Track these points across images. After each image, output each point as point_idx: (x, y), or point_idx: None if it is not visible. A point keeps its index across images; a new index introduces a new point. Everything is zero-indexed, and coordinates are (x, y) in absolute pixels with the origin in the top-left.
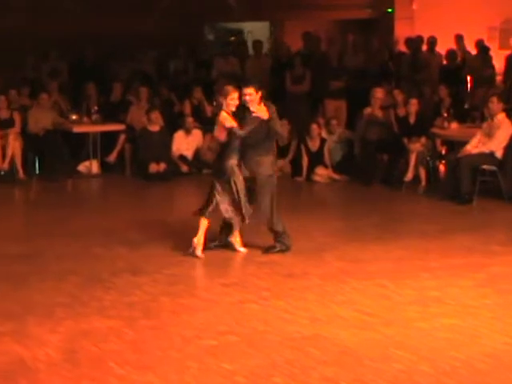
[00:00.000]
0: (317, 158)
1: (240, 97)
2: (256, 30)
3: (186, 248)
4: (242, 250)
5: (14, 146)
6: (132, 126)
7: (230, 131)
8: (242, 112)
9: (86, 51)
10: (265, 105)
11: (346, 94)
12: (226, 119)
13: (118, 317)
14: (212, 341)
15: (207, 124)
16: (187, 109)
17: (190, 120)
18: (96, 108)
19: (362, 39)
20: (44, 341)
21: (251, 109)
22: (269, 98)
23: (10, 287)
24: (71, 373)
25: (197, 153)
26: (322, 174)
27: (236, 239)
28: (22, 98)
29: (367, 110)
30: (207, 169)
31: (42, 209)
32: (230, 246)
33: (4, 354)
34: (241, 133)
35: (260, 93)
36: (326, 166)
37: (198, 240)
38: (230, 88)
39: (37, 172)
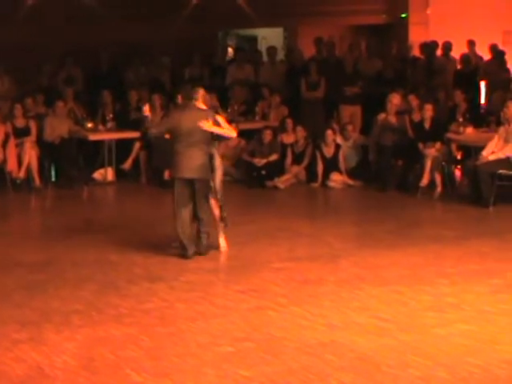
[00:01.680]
0: (332, 164)
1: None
2: (270, 37)
3: (202, 256)
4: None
5: (30, 154)
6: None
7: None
8: None
9: (101, 58)
10: None
11: (361, 99)
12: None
13: (134, 324)
14: (229, 347)
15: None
16: None
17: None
18: (111, 116)
19: (377, 45)
20: (61, 348)
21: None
22: (284, 103)
23: (27, 295)
24: (89, 380)
25: None
26: (336, 179)
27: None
28: (38, 106)
29: (381, 116)
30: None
31: (58, 216)
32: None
33: (22, 362)
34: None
35: None
36: (340, 172)
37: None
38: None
39: (52, 180)
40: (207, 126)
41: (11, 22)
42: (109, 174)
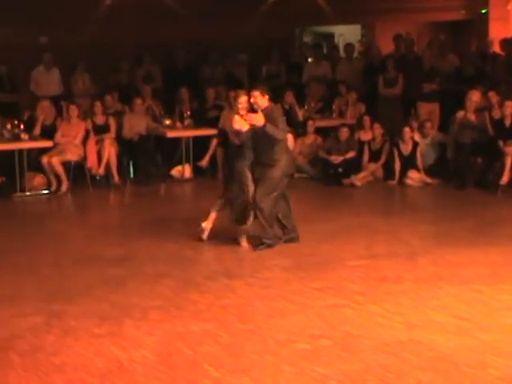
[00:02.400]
0: (409, 162)
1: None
2: (347, 34)
3: (281, 252)
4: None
5: (110, 150)
6: (224, 130)
7: (237, 133)
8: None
9: (178, 56)
10: (269, 108)
11: (439, 96)
12: (237, 121)
13: (212, 320)
14: (306, 345)
15: (299, 128)
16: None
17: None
18: (189, 113)
19: (456, 41)
20: (140, 343)
21: (246, 117)
22: (361, 101)
23: (107, 290)
24: (167, 375)
25: None
26: (414, 177)
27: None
28: (116, 103)
29: (460, 114)
30: (298, 173)
31: (136, 212)
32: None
33: (102, 356)
34: (239, 138)
35: (267, 96)
36: (418, 170)
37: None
38: (239, 92)
39: (131, 176)
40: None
41: (90, 21)
42: (186, 170)
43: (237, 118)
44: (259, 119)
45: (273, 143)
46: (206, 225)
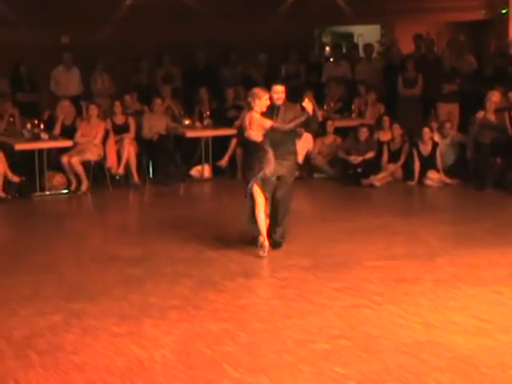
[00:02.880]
0: (429, 162)
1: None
2: (366, 34)
3: (300, 252)
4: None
5: (129, 150)
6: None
7: (268, 130)
8: (270, 111)
9: (198, 56)
10: (289, 104)
11: (459, 97)
12: (263, 119)
13: (231, 319)
14: (324, 345)
15: (318, 128)
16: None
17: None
18: (208, 113)
19: (475, 41)
20: (160, 342)
21: (303, 104)
22: (380, 101)
23: (126, 289)
24: (186, 374)
25: (307, 157)
26: (433, 177)
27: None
28: (135, 103)
29: (480, 114)
30: (318, 173)
31: (156, 213)
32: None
33: (121, 355)
34: (288, 126)
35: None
36: (437, 170)
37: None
38: (261, 90)
39: (150, 176)
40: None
41: (110, 22)
42: (206, 170)
43: (257, 116)
44: (310, 108)
45: (285, 142)
46: (264, 240)
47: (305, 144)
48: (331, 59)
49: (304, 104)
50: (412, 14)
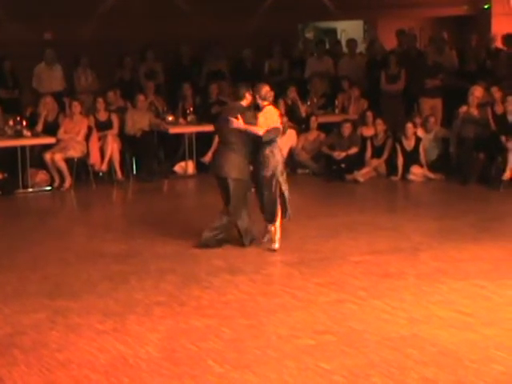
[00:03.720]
0: (412, 157)
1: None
2: (349, 29)
3: (284, 248)
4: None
5: (113, 147)
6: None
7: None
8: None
9: (181, 52)
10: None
11: (442, 92)
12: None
13: (215, 316)
14: (309, 340)
15: (301, 124)
16: (281, 108)
17: (284, 120)
18: (191, 109)
19: (458, 37)
20: (144, 339)
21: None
22: (364, 96)
23: (111, 286)
24: (171, 371)
25: (291, 152)
26: (417, 172)
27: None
28: (118, 99)
29: (463, 109)
30: (301, 169)
31: (140, 209)
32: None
33: (106, 352)
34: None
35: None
36: (421, 165)
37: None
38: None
39: (134, 173)
40: (235, 123)
41: (93, 17)
42: (189, 166)
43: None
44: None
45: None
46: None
47: (288, 140)
48: (314, 54)
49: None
50: (395, 10)
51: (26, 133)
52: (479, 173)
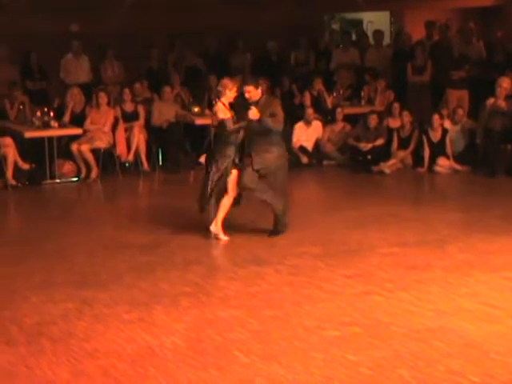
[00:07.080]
0: (438, 149)
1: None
2: (376, 20)
3: (310, 240)
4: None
5: (139, 138)
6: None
7: (221, 122)
8: (241, 105)
9: (207, 43)
10: (267, 100)
11: (469, 83)
12: (221, 110)
13: (241, 306)
14: (335, 332)
15: (327, 115)
16: (307, 100)
17: (310, 111)
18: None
19: (485, 27)
20: (170, 329)
21: (249, 113)
22: (390, 88)
23: (137, 276)
24: (197, 361)
25: (317, 144)
26: (443, 164)
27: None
28: (145, 91)
29: (490, 100)
30: (327, 160)
31: (166, 200)
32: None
33: (132, 342)
34: (230, 128)
35: (260, 89)
36: (447, 157)
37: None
38: (229, 81)
39: (160, 164)
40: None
41: (119, 9)
42: None
43: (220, 106)
44: (255, 115)
45: (266, 134)
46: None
47: (314, 131)
48: (340, 46)
49: (250, 114)
50: (422, 1)
51: (54, 124)
52: (506, 165)
